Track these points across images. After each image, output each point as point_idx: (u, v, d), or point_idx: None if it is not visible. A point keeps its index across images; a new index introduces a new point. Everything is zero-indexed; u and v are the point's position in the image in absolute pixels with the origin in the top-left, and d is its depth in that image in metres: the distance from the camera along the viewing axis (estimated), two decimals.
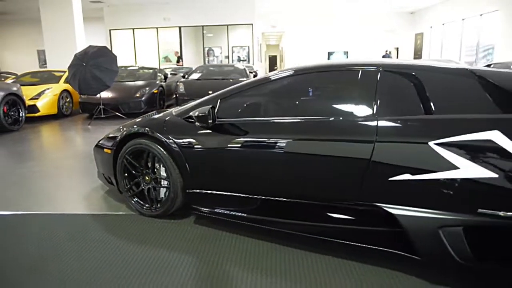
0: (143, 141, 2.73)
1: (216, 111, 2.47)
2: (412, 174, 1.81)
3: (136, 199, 2.87)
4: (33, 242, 2.50)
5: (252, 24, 16.80)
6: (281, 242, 2.36)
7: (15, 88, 6.94)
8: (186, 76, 9.55)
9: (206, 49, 18.78)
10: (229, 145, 2.39)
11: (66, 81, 8.40)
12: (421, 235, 1.81)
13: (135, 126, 2.83)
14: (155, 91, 8.66)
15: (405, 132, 1.89)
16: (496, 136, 1.65)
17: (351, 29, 20.28)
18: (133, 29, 16.97)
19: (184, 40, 17.73)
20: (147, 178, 2.82)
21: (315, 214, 2.15)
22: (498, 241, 1.73)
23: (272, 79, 2.44)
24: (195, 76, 9.35)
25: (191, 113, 2.49)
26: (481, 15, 13.91)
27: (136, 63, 16.51)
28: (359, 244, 2.01)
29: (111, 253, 2.32)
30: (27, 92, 7.83)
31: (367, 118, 1.99)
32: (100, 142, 3.18)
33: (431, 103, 1.90)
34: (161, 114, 2.90)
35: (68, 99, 8.79)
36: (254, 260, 2.19)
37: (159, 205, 2.76)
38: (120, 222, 2.79)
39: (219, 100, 2.52)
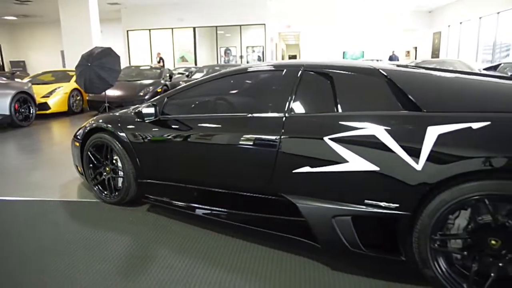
0: (102, 135, 2.99)
1: (163, 108, 2.69)
2: (311, 167, 1.95)
3: (97, 187, 3.13)
4: None
5: (264, 24, 16.97)
6: (219, 231, 2.55)
7: (26, 87, 7.44)
8: (190, 76, 9.84)
9: (223, 49, 19.15)
10: (168, 139, 2.61)
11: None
12: (318, 224, 1.96)
13: (100, 121, 3.10)
14: (159, 90, 9.00)
15: (306, 128, 2.03)
16: (378, 132, 1.78)
17: (367, 29, 20.06)
18: (149, 29, 17.53)
19: (199, 40, 18.12)
20: (107, 168, 3.07)
21: (239, 203, 2.33)
22: (381, 230, 1.85)
23: (211, 79, 2.63)
24: (198, 75, 9.63)
25: (135, 110, 2.73)
26: (498, 13, 13.48)
27: (152, 63, 17.04)
28: (273, 232, 2.18)
29: (60, 233, 2.59)
30: (40, 91, 8.35)
31: (278, 114, 2.14)
32: (75, 135, 3.46)
33: (337, 101, 2.03)
34: (121, 111, 3.14)
35: (79, 97, 9.28)
36: (186, 244, 2.39)
37: (116, 193, 3.01)
38: (82, 208, 3.08)
39: (166, 98, 2.73)
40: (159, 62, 16.45)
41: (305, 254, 2.20)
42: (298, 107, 2.13)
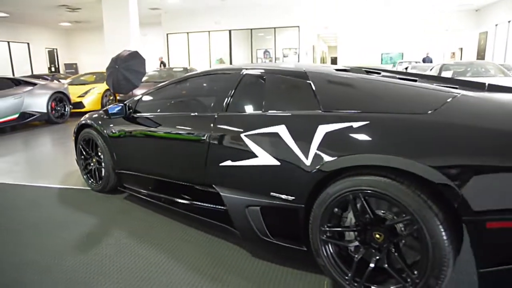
0: (89, 130, 3.38)
1: (135, 106, 3.02)
2: (232, 160, 2.15)
3: (87, 176, 3.54)
4: None
5: (298, 26, 17.05)
6: (174, 218, 2.83)
7: (62, 88, 8.25)
8: None
9: (261, 51, 19.53)
10: (132, 134, 2.93)
11: None
12: (235, 213, 2.16)
13: (88, 118, 3.50)
14: None
15: (229, 125, 2.23)
16: (281, 130, 1.94)
17: (407, 29, 19.38)
18: (187, 33, 18.30)
19: (237, 42, 18.61)
20: (94, 160, 3.46)
21: (186, 193, 2.57)
22: (284, 220, 2.00)
23: (175, 82, 2.91)
24: None
25: (104, 109, 3.08)
26: None
27: (189, 65, 17.77)
28: (209, 220, 2.41)
29: (46, 213, 3.02)
30: (76, 91, 9.19)
31: (212, 113, 2.37)
32: (74, 130, 3.90)
33: (263, 101, 2.21)
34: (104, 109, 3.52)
35: (111, 97, 10.03)
36: (141, 227, 2.70)
37: (100, 182, 3.39)
38: (73, 194, 3.53)
39: (139, 98, 3.06)
40: (160, 66, 17.14)
41: (233, 240, 2.40)
42: (231, 107, 2.34)
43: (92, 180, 3.49)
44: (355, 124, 1.71)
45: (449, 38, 19.98)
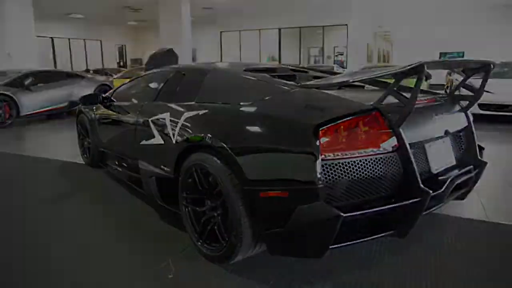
0: (82, 115, 4.18)
1: (112, 95, 3.72)
2: (145, 140, 2.70)
3: (82, 152, 4.36)
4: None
5: (346, 25, 16.88)
6: (128, 188, 3.46)
7: (107, 80, 9.50)
8: None
9: (317, 49, 19.73)
10: (104, 118, 3.62)
11: None
12: (145, 182, 2.70)
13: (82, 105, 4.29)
14: None
15: (147, 112, 2.77)
16: (166, 116, 2.44)
17: (470, 26, 18.01)
18: (239, 31, 19.13)
19: (286, 40, 19.00)
20: (86, 139, 4.25)
21: (127, 166, 3.18)
22: (168, 188, 2.48)
23: (141, 76, 3.54)
24: None
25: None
26: None
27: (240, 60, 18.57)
28: (136, 188, 2.99)
29: (38, 177, 3.86)
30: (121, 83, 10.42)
31: (141, 102, 2.93)
32: None
33: (175, 93, 2.71)
34: None
35: None
36: (99, 194, 3.38)
37: (90, 157, 4.17)
38: (69, 166, 4.36)
39: (116, 88, 3.76)
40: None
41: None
42: (159, 97, 2.87)
43: (85, 155, 4.29)
44: (201, 112, 2.16)
45: None
